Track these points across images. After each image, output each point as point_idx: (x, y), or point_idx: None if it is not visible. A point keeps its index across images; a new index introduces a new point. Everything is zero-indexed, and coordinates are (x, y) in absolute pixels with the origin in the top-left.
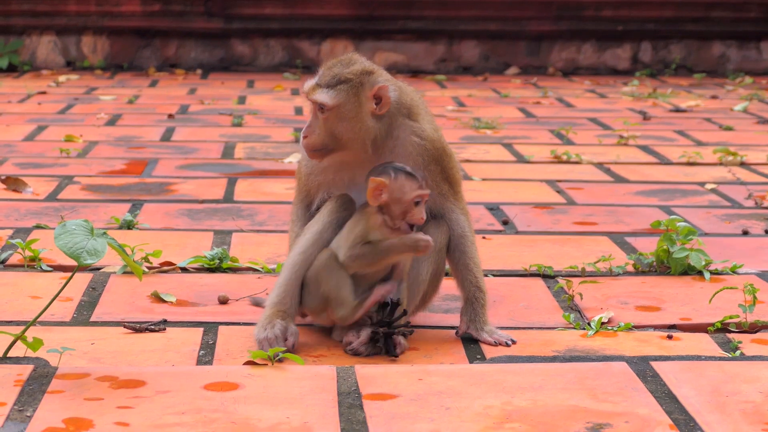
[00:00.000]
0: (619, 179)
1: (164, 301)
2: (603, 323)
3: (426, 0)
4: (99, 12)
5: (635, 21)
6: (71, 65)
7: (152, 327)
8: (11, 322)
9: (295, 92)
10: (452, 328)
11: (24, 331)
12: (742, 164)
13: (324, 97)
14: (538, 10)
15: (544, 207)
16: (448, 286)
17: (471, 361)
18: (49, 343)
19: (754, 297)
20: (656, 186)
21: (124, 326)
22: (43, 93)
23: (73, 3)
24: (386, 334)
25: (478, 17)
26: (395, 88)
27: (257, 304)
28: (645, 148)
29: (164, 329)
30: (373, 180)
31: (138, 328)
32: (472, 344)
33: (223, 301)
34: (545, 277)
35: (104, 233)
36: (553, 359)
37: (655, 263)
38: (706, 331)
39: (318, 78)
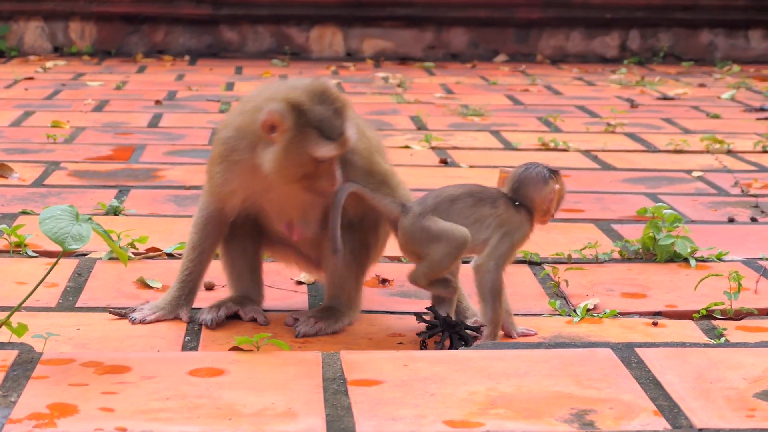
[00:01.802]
0: (606, 167)
1: (150, 287)
2: (588, 310)
3: None
4: None
5: (624, 9)
6: (59, 51)
7: (123, 312)
8: None
9: (283, 78)
10: None
11: (9, 316)
12: (729, 152)
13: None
14: None
15: None
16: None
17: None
18: (34, 329)
19: (739, 284)
20: (643, 173)
21: (110, 312)
22: (30, 79)
23: None
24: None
25: (467, 4)
26: None
27: None
28: (632, 136)
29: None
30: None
31: (123, 313)
32: None
33: (209, 288)
34: (531, 263)
35: (89, 218)
36: (539, 345)
37: (641, 250)
38: (691, 318)
39: (339, 127)
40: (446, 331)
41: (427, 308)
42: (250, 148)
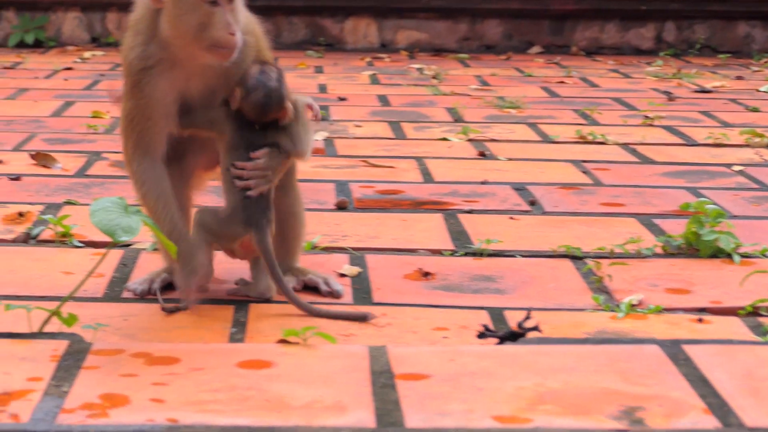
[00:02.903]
0: (646, 160)
1: None
2: (633, 305)
3: None
4: None
5: (659, 0)
6: (96, 41)
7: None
8: (45, 297)
9: (318, 70)
10: (481, 308)
11: (59, 306)
12: None
13: None
14: None
15: (570, 187)
16: (470, 265)
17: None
18: (82, 319)
19: None
20: (683, 167)
21: (163, 309)
22: (69, 69)
23: None
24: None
25: None
26: None
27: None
28: (670, 129)
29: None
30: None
31: (173, 309)
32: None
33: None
34: (574, 258)
35: (138, 210)
36: (585, 341)
37: (683, 245)
38: (737, 315)
39: None
40: (511, 340)
41: (485, 326)
42: (154, 36)
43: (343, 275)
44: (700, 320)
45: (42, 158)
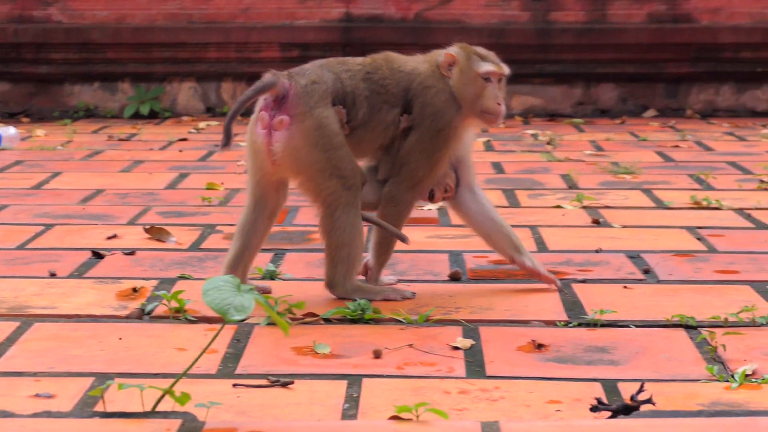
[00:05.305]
0: (761, 225)
1: (309, 353)
2: (747, 375)
3: (563, 43)
4: (239, 58)
5: None
6: (211, 111)
7: (280, 381)
8: (158, 374)
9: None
10: (595, 380)
11: (172, 385)
12: None
13: None
14: (675, 52)
15: (684, 255)
16: (584, 336)
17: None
18: (195, 397)
19: None
20: None
21: (268, 380)
22: (184, 140)
23: (214, 50)
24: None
25: (616, 60)
26: None
27: None
28: None
29: (292, 382)
30: None
31: (273, 381)
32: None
33: (378, 356)
34: (687, 327)
35: (251, 289)
36: (698, 414)
37: None
38: None
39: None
40: (625, 413)
41: (598, 399)
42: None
43: (456, 348)
44: None
45: (156, 232)
